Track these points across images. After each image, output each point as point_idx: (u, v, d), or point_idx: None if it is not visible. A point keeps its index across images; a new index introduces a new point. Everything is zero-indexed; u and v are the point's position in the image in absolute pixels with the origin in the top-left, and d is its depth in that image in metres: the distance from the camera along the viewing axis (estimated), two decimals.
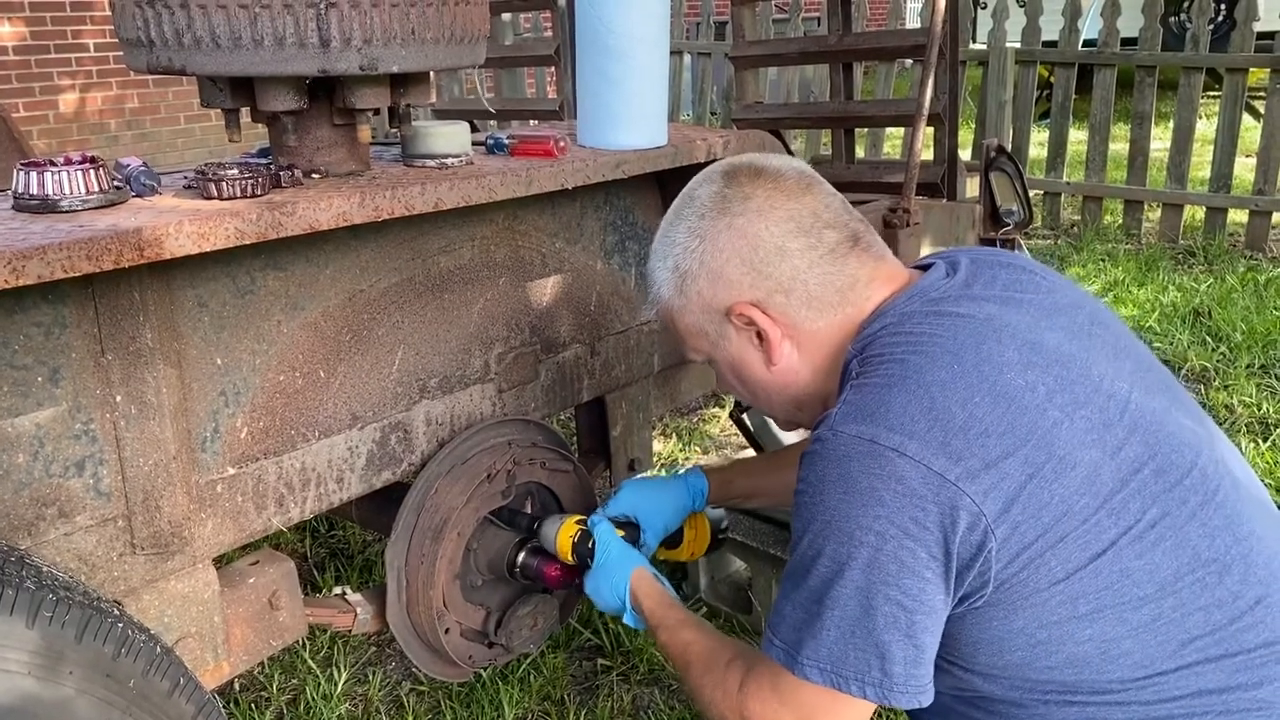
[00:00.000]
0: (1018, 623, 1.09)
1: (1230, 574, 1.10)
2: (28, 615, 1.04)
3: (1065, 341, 1.18)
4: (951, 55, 2.68)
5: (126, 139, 7.05)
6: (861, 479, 1.07)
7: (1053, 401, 1.10)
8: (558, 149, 1.77)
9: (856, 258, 1.26)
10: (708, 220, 1.29)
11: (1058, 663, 1.10)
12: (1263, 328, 3.97)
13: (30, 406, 1.29)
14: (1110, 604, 1.07)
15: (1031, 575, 1.07)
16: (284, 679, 2.19)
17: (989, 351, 1.13)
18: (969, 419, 1.07)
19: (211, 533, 1.49)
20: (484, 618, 1.83)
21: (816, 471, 1.12)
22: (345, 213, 1.40)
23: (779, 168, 1.30)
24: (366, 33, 1.40)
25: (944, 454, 1.05)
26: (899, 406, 1.09)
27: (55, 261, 1.12)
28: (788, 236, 1.25)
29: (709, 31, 7.22)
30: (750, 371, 1.34)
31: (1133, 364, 1.22)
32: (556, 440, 1.92)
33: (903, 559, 1.05)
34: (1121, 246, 5.37)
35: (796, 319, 1.27)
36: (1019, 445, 1.07)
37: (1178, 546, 1.09)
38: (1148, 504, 1.09)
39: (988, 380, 1.10)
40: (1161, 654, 1.08)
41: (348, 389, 1.64)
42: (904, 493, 1.05)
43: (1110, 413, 1.12)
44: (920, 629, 1.07)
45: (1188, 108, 5.27)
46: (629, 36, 1.82)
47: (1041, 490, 1.06)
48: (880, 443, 1.07)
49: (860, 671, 1.09)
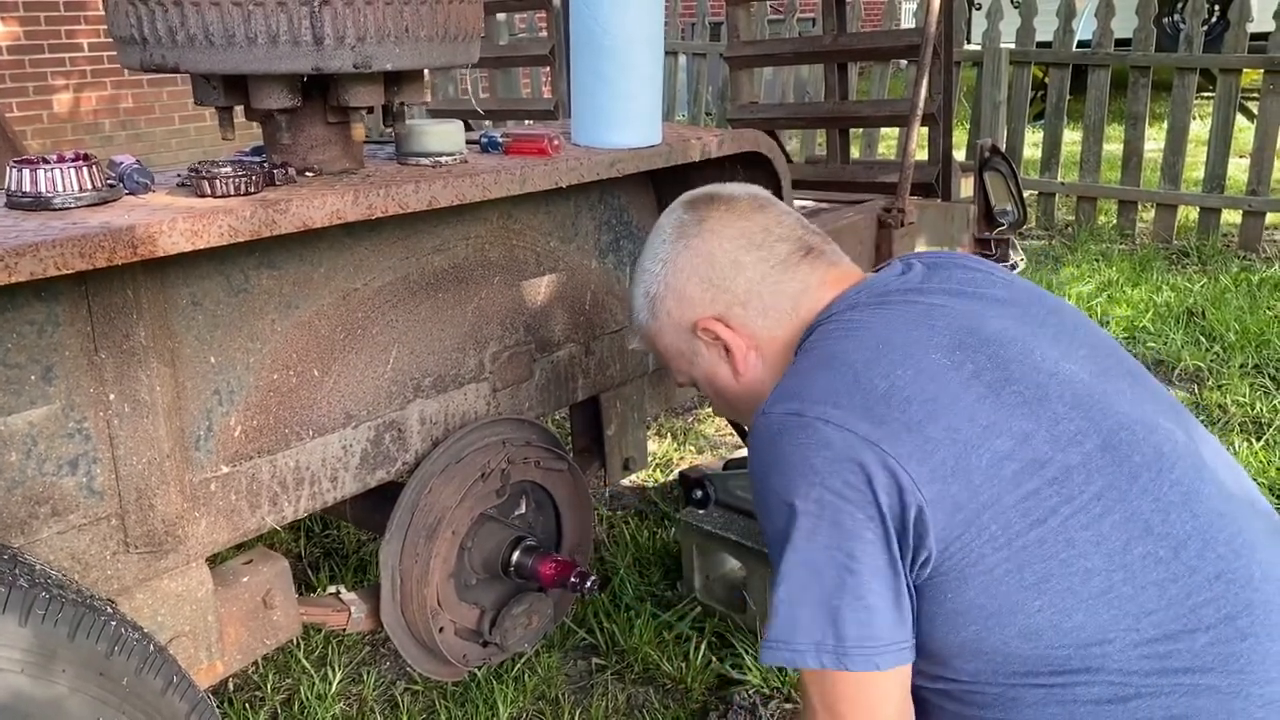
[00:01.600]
0: (968, 594, 1.10)
1: (1186, 549, 1.10)
2: (20, 613, 1.04)
3: (1010, 326, 1.21)
4: (946, 56, 2.68)
5: (121, 139, 7.04)
6: (793, 451, 1.12)
7: (980, 378, 1.14)
8: (552, 148, 1.77)
9: (809, 265, 1.33)
10: (668, 245, 1.39)
11: (1011, 635, 1.10)
12: (1256, 328, 3.98)
13: (23, 405, 1.29)
14: (1057, 573, 1.08)
15: (971, 539, 1.08)
16: (278, 678, 2.19)
17: (919, 335, 1.18)
18: (891, 388, 1.12)
19: (205, 531, 1.49)
20: (478, 617, 1.83)
21: (756, 456, 1.17)
22: (339, 211, 1.40)
23: (733, 193, 1.40)
24: (360, 30, 1.40)
25: (867, 419, 1.10)
26: (823, 382, 1.15)
27: (48, 259, 1.12)
28: (740, 251, 1.33)
29: (704, 32, 7.23)
30: (723, 384, 1.40)
31: (1089, 350, 1.24)
32: (551, 439, 1.92)
33: (841, 522, 1.08)
34: (1116, 247, 5.38)
35: (755, 329, 1.34)
36: (941, 412, 1.11)
37: (1127, 519, 1.10)
38: (1092, 475, 1.11)
39: (912, 357, 1.15)
40: (1118, 627, 1.08)
41: (342, 388, 1.64)
42: (832, 458, 1.09)
43: (1048, 389, 1.15)
44: (867, 590, 1.09)
45: (1182, 108, 5.28)
46: (623, 36, 1.82)
47: (967, 454, 1.09)
48: (805, 414, 1.12)
49: (812, 636, 1.10)
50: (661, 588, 2.45)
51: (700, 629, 2.28)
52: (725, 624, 2.28)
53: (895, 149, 6.11)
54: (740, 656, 2.15)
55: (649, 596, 2.40)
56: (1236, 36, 5.07)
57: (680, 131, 2.10)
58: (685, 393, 2.55)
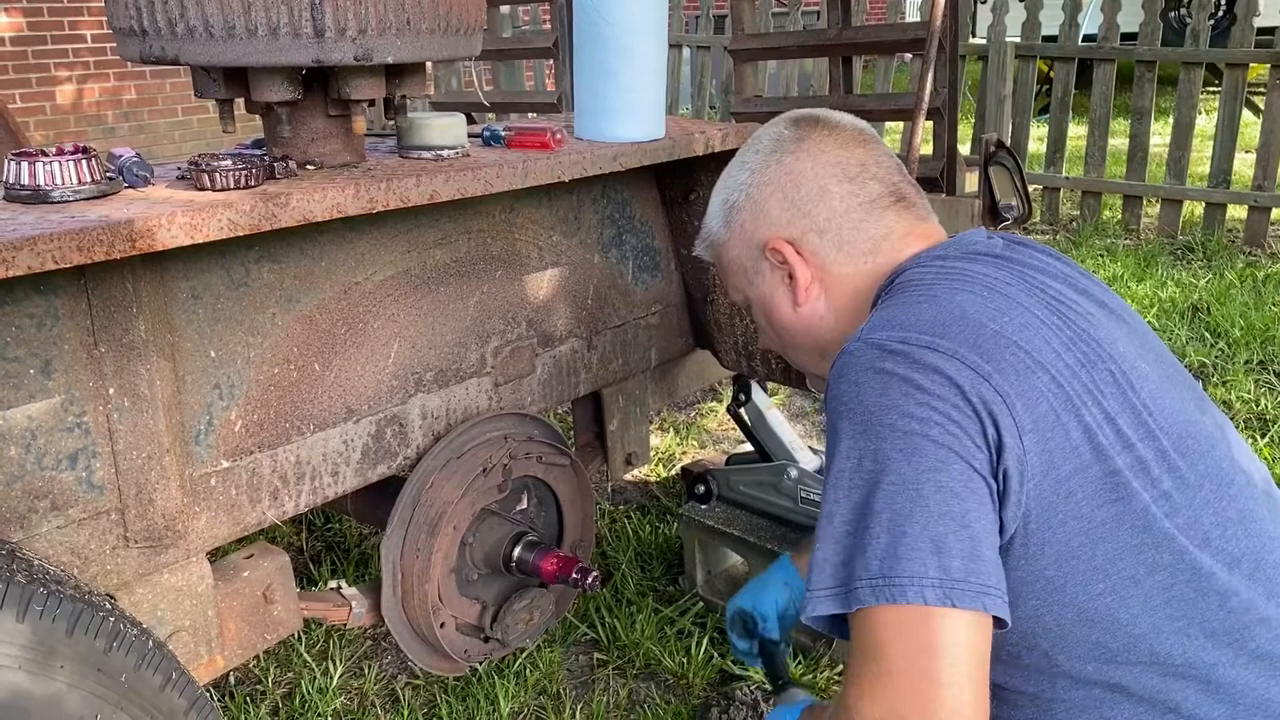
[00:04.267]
0: (1040, 563, 1.04)
1: (1239, 567, 1.08)
2: (18, 609, 1.03)
3: (1094, 311, 1.19)
4: (951, 50, 2.67)
5: (123, 131, 7.03)
6: (898, 369, 1.04)
7: (1075, 347, 1.11)
8: (554, 141, 1.76)
9: (896, 212, 1.28)
10: (761, 157, 1.33)
11: (1068, 616, 1.05)
12: (1261, 324, 3.97)
13: (22, 399, 1.28)
14: (1126, 558, 1.04)
15: (1059, 504, 1.02)
16: (279, 673, 2.18)
17: (1019, 291, 1.14)
18: (1000, 331, 1.08)
19: (205, 526, 1.49)
20: (480, 612, 1.83)
21: (849, 377, 1.07)
22: (340, 204, 1.39)
23: (839, 121, 1.34)
24: (361, 23, 1.39)
25: (976, 352, 1.05)
26: (929, 314, 1.10)
27: (46, 253, 1.11)
28: (831, 179, 1.27)
29: (708, 25, 7.20)
30: (778, 313, 1.34)
31: (1156, 356, 1.21)
32: (553, 434, 1.91)
33: (949, 444, 1.00)
34: (1120, 242, 5.36)
35: (826, 260, 1.28)
36: (1047, 364, 1.06)
37: (1190, 524, 1.07)
38: (1164, 473, 1.07)
39: (1017, 307, 1.11)
40: (1167, 629, 1.05)
41: (343, 382, 1.63)
42: (941, 380, 1.03)
43: (1132, 379, 1.12)
44: (974, 518, 0.99)
45: (1187, 103, 5.26)
46: (627, 29, 1.81)
47: (1068, 412, 1.04)
48: (912, 342, 1.06)
49: (916, 574, 0.96)
50: (663, 583, 2.44)
51: (702, 624, 2.27)
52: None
53: (900, 143, 6.09)
54: None
55: (651, 592, 2.40)
56: (1243, 31, 5.05)
57: (684, 125, 2.09)
58: (688, 387, 2.55)
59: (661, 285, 2.19)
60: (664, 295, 2.20)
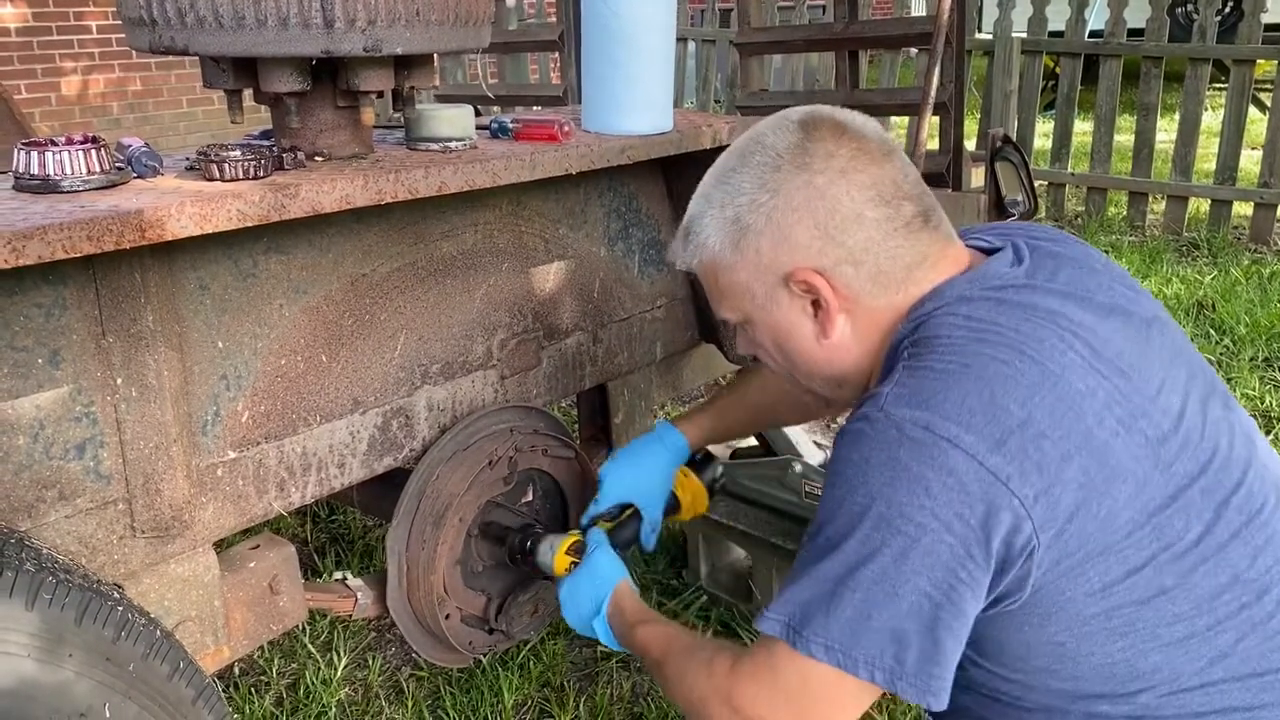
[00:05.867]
0: (1049, 630, 1.07)
1: (1269, 595, 1.08)
2: (27, 598, 1.03)
3: (1125, 346, 1.13)
4: (957, 44, 2.66)
5: (129, 122, 7.03)
6: (912, 465, 1.02)
7: (1111, 411, 1.06)
8: (562, 134, 1.76)
9: (928, 235, 1.18)
10: (784, 173, 1.17)
11: (1084, 672, 1.08)
12: (1267, 321, 3.96)
13: (30, 388, 1.29)
14: (1145, 618, 1.05)
15: (1068, 585, 1.04)
16: (284, 663, 2.19)
17: (1051, 349, 1.08)
18: (1028, 418, 1.03)
19: (212, 517, 1.49)
20: (485, 604, 1.83)
21: (861, 451, 1.06)
22: (348, 196, 1.39)
23: (861, 129, 1.19)
24: (371, 14, 1.39)
25: (999, 452, 1.01)
26: (957, 396, 1.04)
27: (56, 242, 1.12)
28: (867, 204, 1.15)
29: (714, 18, 7.20)
30: (797, 343, 1.24)
31: (1187, 371, 1.17)
32: (558, 427, 1.91)
33: (939, 553, 1.01)
34: (1126, 238, 5.35)
35: (860, 293, 1.17)
36: (1075, 452, 1.03)
37: (1218, 566, 1.07)
38: (1191, 521, 1.06)
39: (1049, 379, 1.05)
40: (1190, 669, 1.06)
41: (349, 374, 1.63)
42: (954, 485, 1.00)
43: (1165, 427, 1.09)
44: (943, 626, 1.03)
45: (1194, 99, 5.25)
46: (635, 21, 1.81)
47: (1091, 501, 1.02)
48: (935, 430, 1.02)
49: (872, 655, 1.04)
50: (667, 576, 2.45)
51: (706, 617, 2.28)
52: (730, 613, 2.28)
53: (906, 138, 6.08)
54: (746, 645, 2.15)
55: (655, 585, 2.40)
56: (1250, 27, 5.03)
57: (691, 118, 2.09)
58: (692, 381, 2.55)
59: (667, 279, 2.19)
60: (669, 289, 2.20)
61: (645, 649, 1.38)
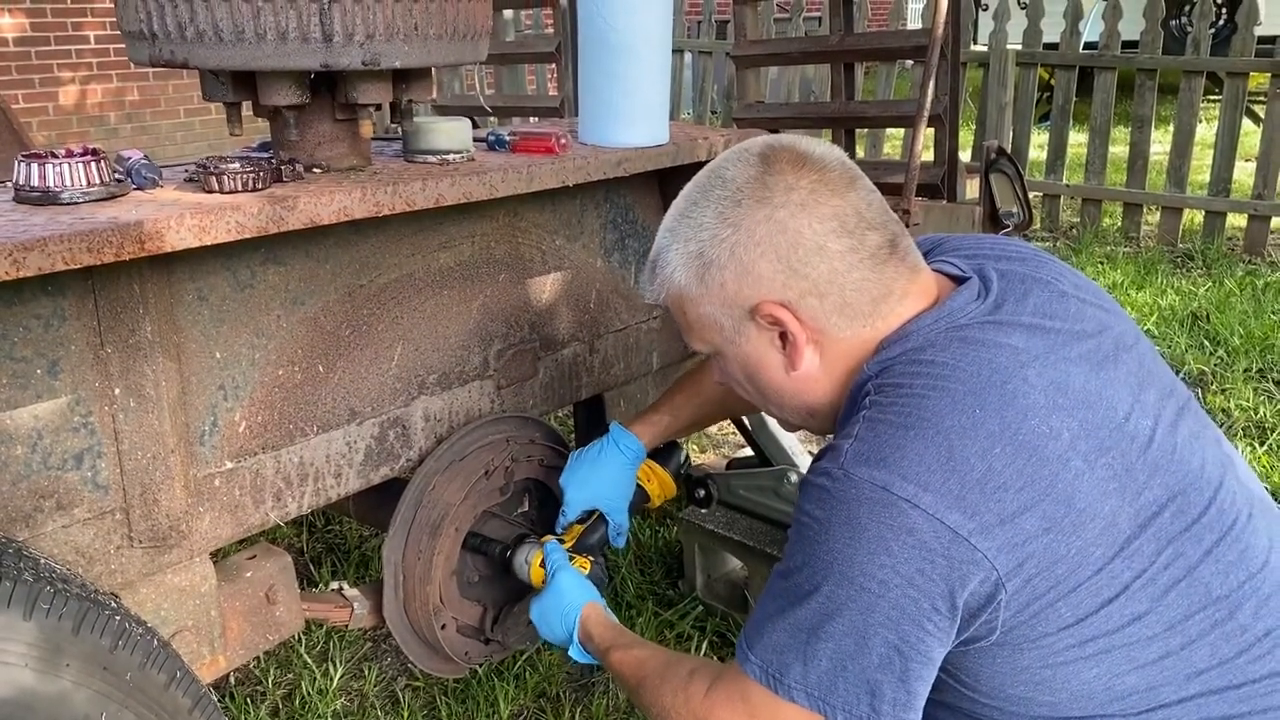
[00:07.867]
0: (1023, 662, 1.08)
1: (1242, 610, 1.09)
2: (25, 607, 1.04)
3: (1090, 376, 1.13)
4: (953, 56, 2.68)
5: (126, 132, 7.04)
6: (870, 526, 1.03)
7: (1075, 449, 1.06)
8: (559, 146, 1.77)
9: (894, 266, 1.18)
10: (744, 208, 1.17)
11: (1062, 699, 1.09)
12: (1260, 332, 3.98)
13: (29, 399, 1.29)
14: (1119, 645, 1.06)
15: (1040, 622, 1.05)
16: (280, 673, 2.19)
17: (1013, 392, 1.07)
18: (987, 471, 1.03)
19: (209, 527, 1.49)
20: (480, 614, 1.84)
21: (824, 510, 1.07)
22: (346, 208, 1.40)
23: (823, 157, 1.19)
24: (369, 28, 1.40)
25: (959, 508, 1.01)
26: (914, 453, 1.04)
27: (56, 254, 1.12)
28: (830, 236, 1.15)
29: (710, 30, 7.22)
30: (766, 374, 1.25)
31: (1157, 392, 1.17)
32: (555, 437, 1.92)
33: (904, 607, 1.03)
34: (1120, 249, 5.37)
35: (825, 325, 1.18)
36: (1038, 500, 1.03)
37: (1190, 586, 1.08)
38: (1163, 546, 1.07)
39: (1010, 427, 1.05)
40: (1167, 688, 1.07)
41: (346, 384, 1.64)
42: (914, 544, 1.01)
43: (1131, 456, 1.09)
44: (914, 676, 1.06)
45: (1188, 111, 5.27)
46: (631, 33, 1.82)
47: (1058, 544, 1.03)
48: (893, 491, 1.03)
49: (848, 703, 1.07)
50: (663, 586, 2.45)
51: (702, 628, 2.28)
52: (727, 623, 2.28)
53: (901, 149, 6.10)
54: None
55: (650, 595, 2.41)
56: (1244, 40, 5.06)
57: (687, 130, 2.10)
58: None
59: None
60: None
61: (620, 675, 1.40)
